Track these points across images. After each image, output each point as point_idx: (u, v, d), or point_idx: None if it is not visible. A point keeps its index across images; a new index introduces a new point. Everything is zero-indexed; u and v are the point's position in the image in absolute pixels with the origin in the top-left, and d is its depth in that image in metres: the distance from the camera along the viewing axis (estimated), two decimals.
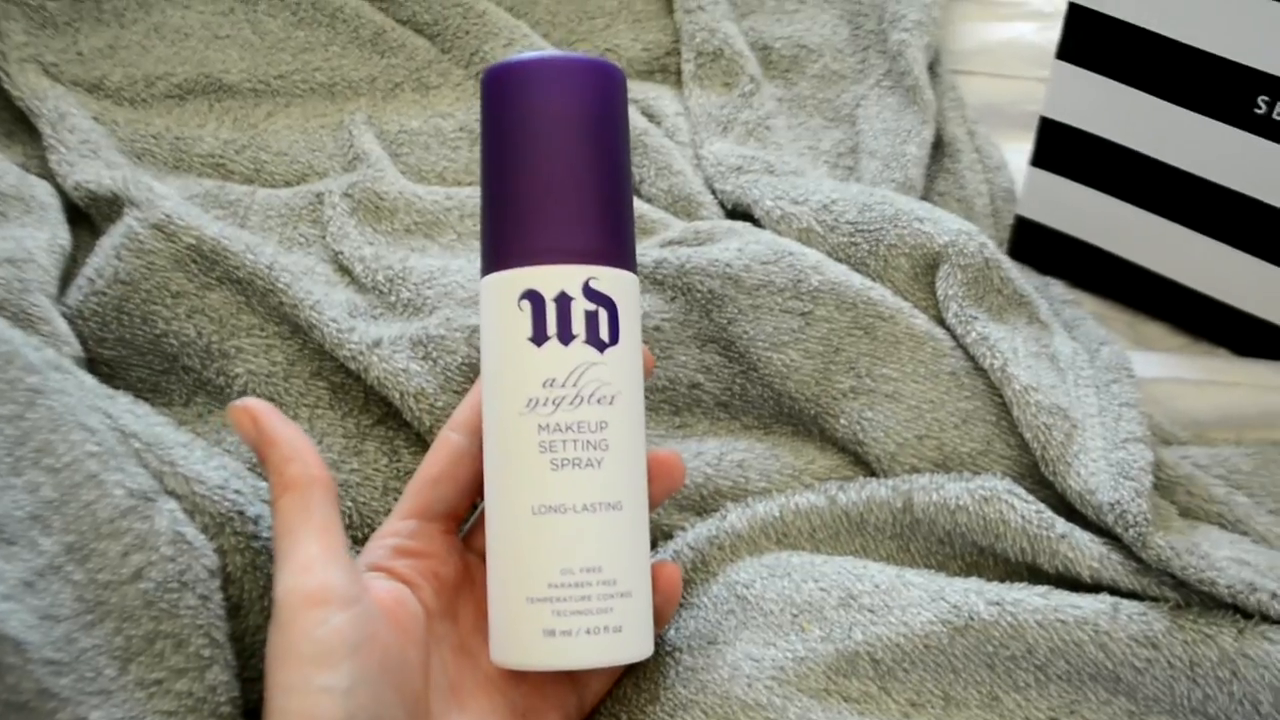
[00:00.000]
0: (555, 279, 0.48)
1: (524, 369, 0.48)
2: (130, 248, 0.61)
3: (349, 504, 0.58)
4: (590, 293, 0.48)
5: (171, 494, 0.51)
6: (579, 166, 0.49)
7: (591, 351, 0.48)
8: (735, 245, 0.62)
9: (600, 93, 0.49)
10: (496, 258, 0.49)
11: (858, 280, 0.61)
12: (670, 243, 0.64)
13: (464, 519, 0.54)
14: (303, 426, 0.60)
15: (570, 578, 0.47)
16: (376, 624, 0.45)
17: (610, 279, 0.48)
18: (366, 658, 0.44)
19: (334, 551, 0.46)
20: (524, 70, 0.49)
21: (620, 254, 0.49)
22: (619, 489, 0.48)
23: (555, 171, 0.48)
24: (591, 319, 0.48)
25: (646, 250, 0.63)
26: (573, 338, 0.48)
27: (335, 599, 0.45)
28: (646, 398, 0.60)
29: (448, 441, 0.52)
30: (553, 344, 0.48)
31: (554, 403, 0.47)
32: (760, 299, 0.60)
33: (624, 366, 0.49)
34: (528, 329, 0.48)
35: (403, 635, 0.47)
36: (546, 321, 0.48)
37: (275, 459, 0.48)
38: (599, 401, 0.48)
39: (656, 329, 0.61)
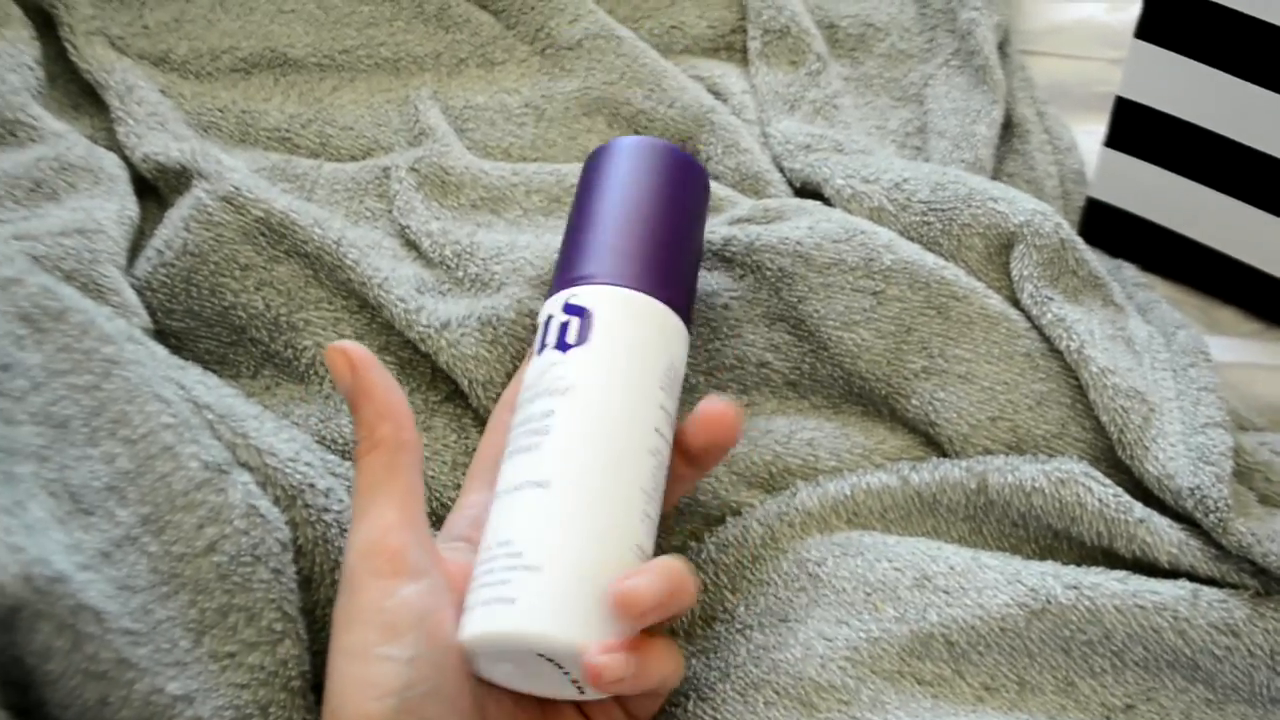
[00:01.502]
0: (552, 303, 0.52)
1: (523, 380, 0.52)
2: (199, 219, 0.62)
3: None
4: (568, 307, 0.51)
5: (244, 466, 0.51)
6: (610, 215, 0.54)
7: (556, 354, 0.50)
8: (806, 223, 0.61)
9: (672, 174, 0.56)
10: (560, 278, 0.54)
11: (931, 259, 0.60)
12: (739, 220, 0.64)
13: None
14: None
15: (487, 554, 0.46)
16: (443, 598, 0.45)
17: (593, 294, 0.51)
18: (432, 630, 0.44)
19: (411, 519, 0.46)
20: (610, 150, 0.57)
21: (622, 274, 0.52)
22: (548, 468, 0.47)
23: (593, 221, 0.54)
24: (563, 328, 0.51)
25: (715, 228, 0.62)
26: (545, 346, 0.51)
27: (407, 570, 0.44)
28: (714, 376, 0.60)
29: (500, 423, 0.53)
30: (535, 356, 0.51)
31: (525, 403, 0.50)
32: (831, 277, 0.60)
33: (589, 360, 0.50)
34: (537, 343, 0.52)
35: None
36: (537, 338, 0.52)
37: (368, 414, 0.48)
38: (551, 393, 0.49)
39: (725, 306, 0.61)
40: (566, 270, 0.53)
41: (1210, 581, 0.52)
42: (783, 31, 0.76)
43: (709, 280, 0.61)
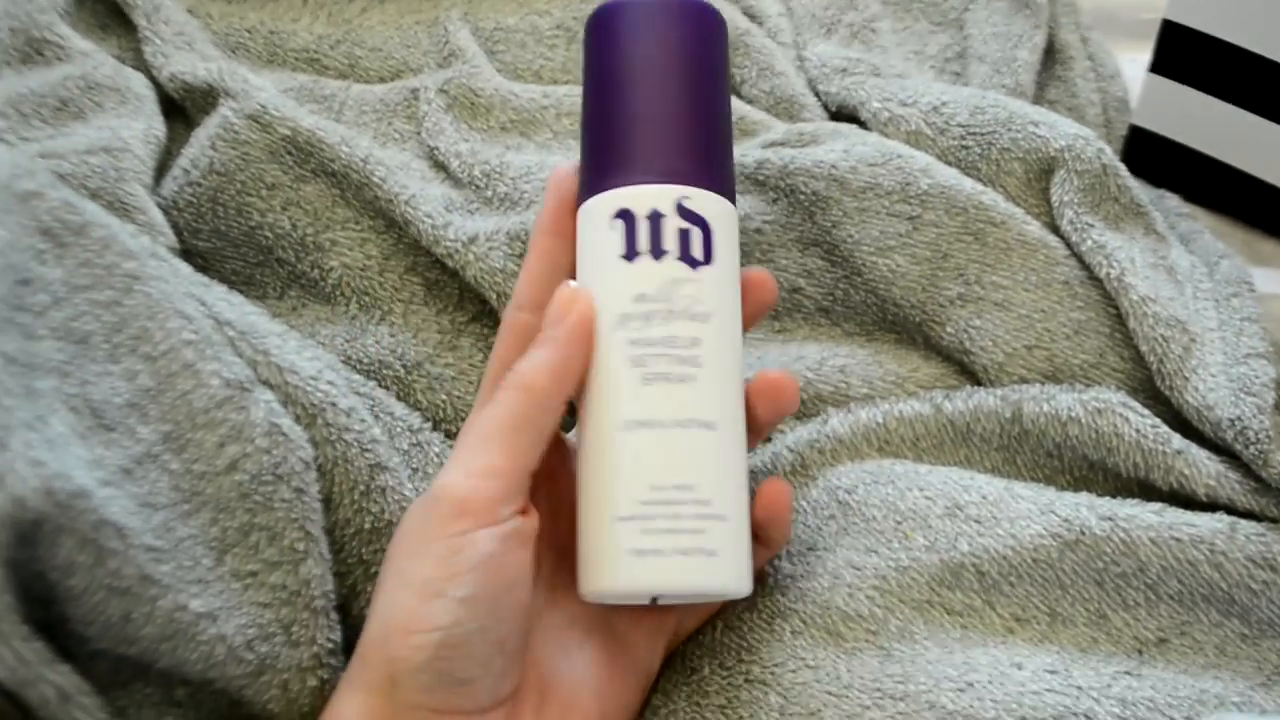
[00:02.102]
0: (648, 198, 0.47)
1: (617, 285, 0.47)
2: (225, 138, 0.61)
3: (444, 398, 0.57)
4: (684, 211, 0.47)
5: (266, 384, 0.51)
6: (674, 96, 0.48)
7: (684, 268, 0.46)
8: (841, 146, 0.60)
9: (698, 33, 0.49)
10: (592, 184, 0.48)
11: (969, 184, 0.59)
12: (773, 144, 0.62)
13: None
14: (397, 321, 0.59)
15: (661, 494, 0.44)
16: (517, 541, 0.44)
17: (704, 200, 0.47)
18: (495, 570, 0.43)
19: (519, 469, 0.45)
20: (624, 10, 0.49)
21: (717, 180, 0.48)
22: (713, 408, 0.46)
23: (650, 99, 0.48)
24: (684, 236, 0.47)
25: (748, 151, 0.61)
26: (664, 253, 0.46)
27: (491, 516, 0.43)
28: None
29: (519, 323, 0.50)
30: (645, 259, 0.46)
31: (645, 317, 0.46)
32: (866, 202, 0.59)
33: (719, 287, 0.47)
34: (620, 246, 0.47)
35: (528, 548, 0.45)
36: (638, 238, 0.47)
37: (547, 358, 0.46)
38: (692, 318, 0.46)
39: (757, 231, 0.60)
40: (646, 155, 0.48)
41: (1249, 515, 0.51)
42: None
43: (742, 204, 0.60)
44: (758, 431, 0.49)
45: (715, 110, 0.49)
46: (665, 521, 0.44)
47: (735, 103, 0.67)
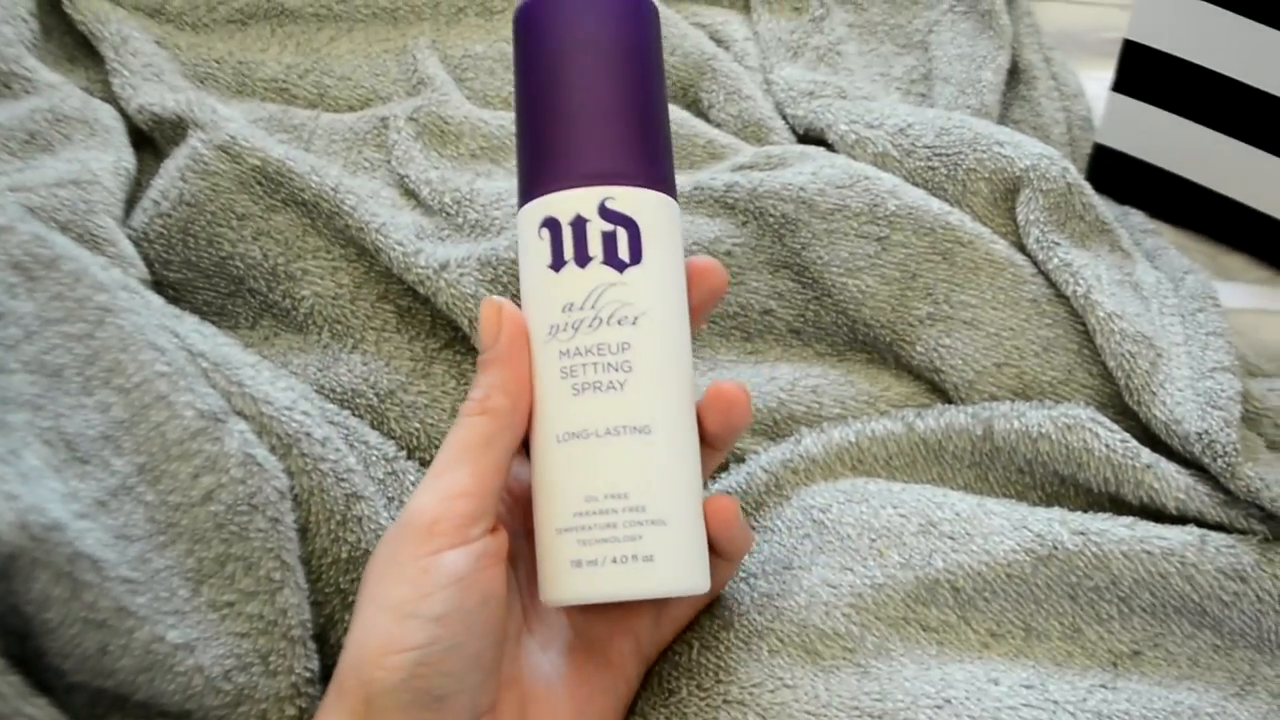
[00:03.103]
0: (571, 203, 0.46)
1: (545, 296, 0.46)
2: (195, 169, 0.61)
3: (417, 425, 0.57)
4: (607, 213, 0.46)
5: (240, 414, 0.51)
6: (596, 92, 0.47)
7: (610, 272, 0.46)
8: (809, 169, 0.61)
9: (621, 22, 0.48)
10: (524, 191, 0.48)
11: (936, 204, 0.59)
12: (741, 167, 0.63)
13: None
14: (369, 350, 0.59)
15: (595, 504, 0.44)
16: (488, 560, 0.44)
17: (631, 199, 0.46)
18: (468, 588, 0.43)
19: (485, 490, 0.45)
20: (543, 5, 0.48)
21: (647, 174, 0.47)
22: (645, 412, 0.45)
23: (572, 97, 0.47)
24: (609, 239, 0.46)
25: (717, 174, 0.62)
26: (590, 259, 0.46)
27: (461, 537, 0.43)
28: (717, 324, 0.59)
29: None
30: (570, 268, 0.46)
31: (573, 327, 0.46)
32: (835, 223, 0.59)
33: (650, 286, 0.46)
34: (548, 256, 0.46)
35: (499, 565, 0.45)
36: (564, 246, 0.46)
37: (495, 379, 0.46)
38: (619, 322, 0.46)
39: (728, 254, 0.60)
40: (570, 157, 0.47)
41: (1218, 527, 0.52)
42: None
43: (711, 227, 0.61)
44: (713, 445, 0.49)
45: (644, 102, 0.48)
46: (600, 531, 0.44)
47: (703, 127, 0.67)
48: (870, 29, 0.76)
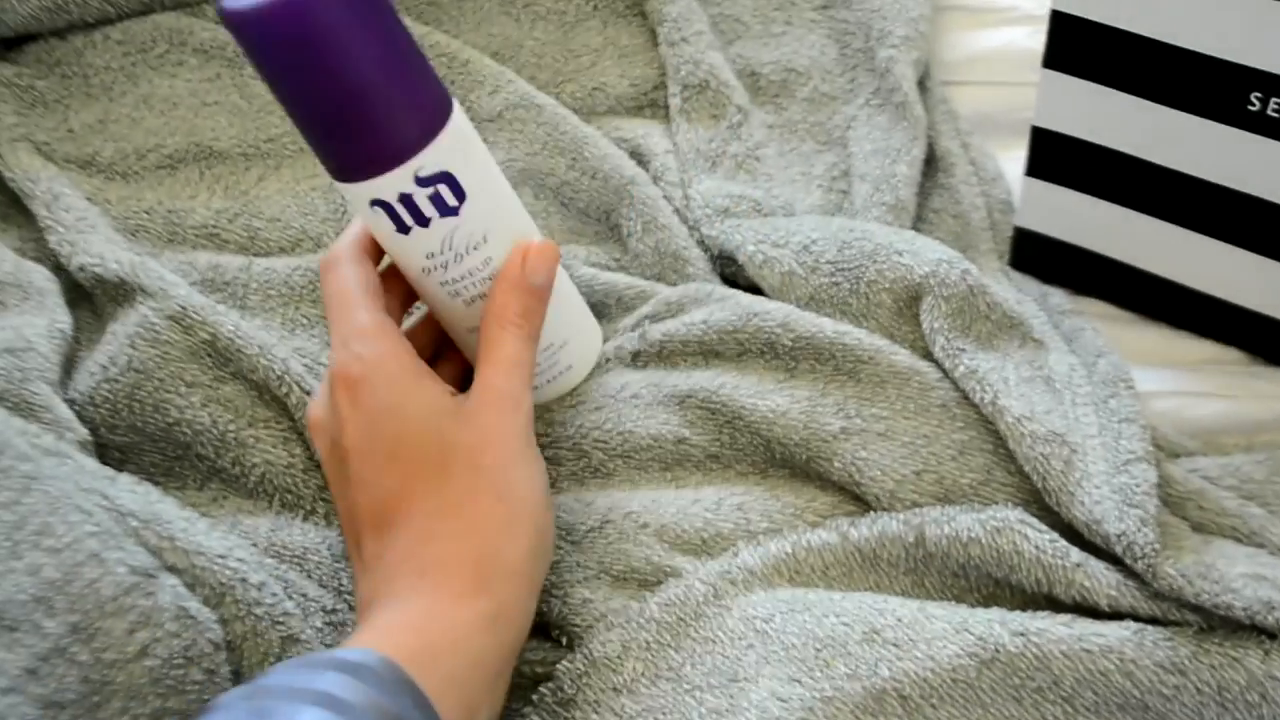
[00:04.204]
0: (388, 185, 0.51)
1: (404, 251, 0.54)
2: (145, 337, 0.62)
3: None
4: (424, 180, 0.51)
5: (172, 569, 0.51)
6: (348, 79, 0.48)
7: (449, 220, 0.52)
8: (700, 316, 0.62)
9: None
10: (332, 172, 0.52)
11: (829, 327, 0.60)
12: (642, 319, 0.64)
13: None
14: (319, 523, 0.60)
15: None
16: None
17: (435, 154, 0.51)
18: None
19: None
20: (251, 16, 0.46)
21: (432, 121, 0.51)
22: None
23: (333, 96, 0.48)
24: (436, 197, 0.52)
25: (623, 341, 0.63)
26: (428, 220, 0.52)
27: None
28: (633, 457, 0.60)
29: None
30: (415, 230, 0.52)
31: (441, 266, 0.54)
32: (744, 363, 0.61)
33: (484, 207, 0.53)
34: (390, 225, 0.52)
35: None
36: (401, 217, 0.52)
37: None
38: (475, 248, 0.54)
39: (635, 396, 0.61)
40: (364, 142, 0.50)
41: (1153, 620, 0.52)
42: (702, 86, 0.75)
43: (621, 376, 0.62)
44: None
45: (393, 57, 0.49)
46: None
47: (618, 277, 0.68)
48: (790, 128, 0.76)
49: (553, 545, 0.54)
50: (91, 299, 0.68)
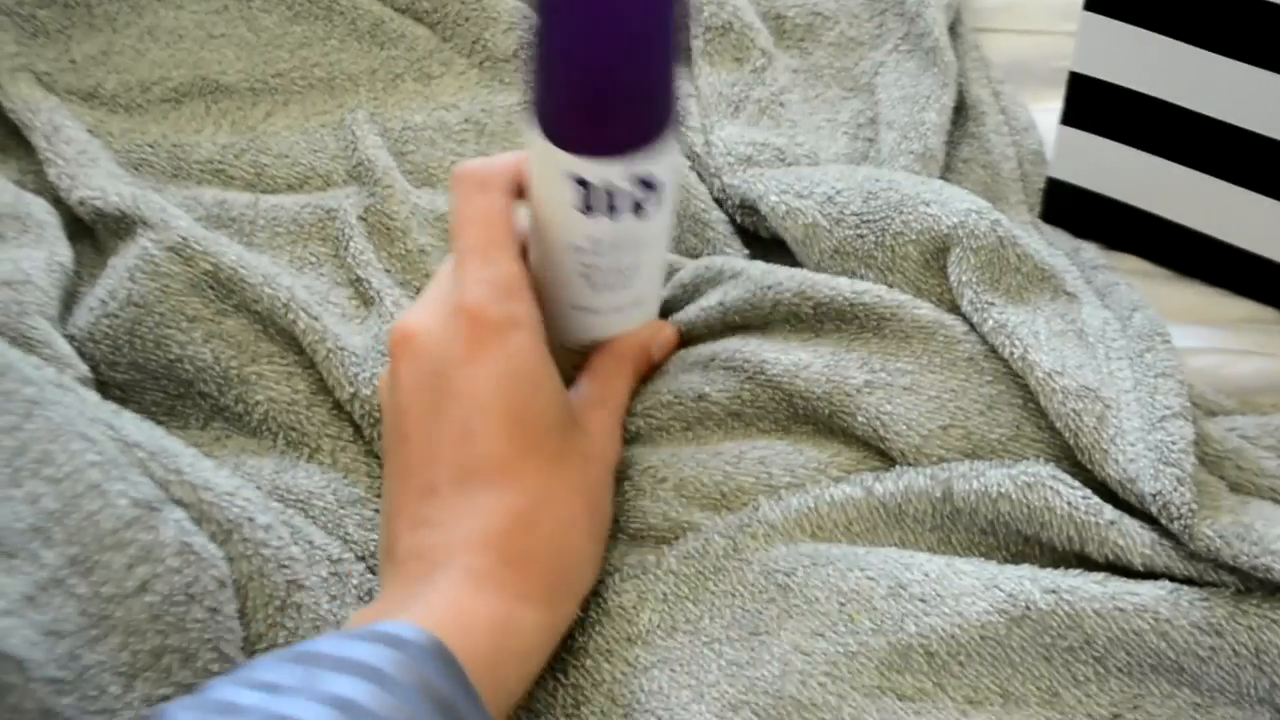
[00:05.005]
0: (602, 171, 0.49)
1: (571, 223, 0.52)
2: (145, 270, 0.60)
3: (375, 536, 0.56)
4: (635, 180, 0.50)
5: (178, 502, 0.50)
6: (631, 62, 0.48)
7: (636, 223, 0.51)
8: (716, 299, 0.60)
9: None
10: (546, 131, 0.50)
11: (846, 288, 0.58)
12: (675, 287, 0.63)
13: None
14: (325, 460, 0.58)
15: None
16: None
17: (654, 163, 0.50)
18: None
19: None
20: None
21: (665, 135, 0.50)
22: (642, 295, 0.57)
23: (608, 68, 0.47)
24: (636, 200, 0.51)
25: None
26: (618, 213, 0.51)
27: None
28: (654, 417, 0.59)
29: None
30: (599, 216, 0.51)
31: (595, 253, 0.52)
32: (769, 329, 0.60)
33: (661, 223, 0.53)
34: (578, 201, 0.50)
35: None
36: (594, 201, 0.50)
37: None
38: (635, 249, 0.53)
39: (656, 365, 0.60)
40: (601, 125, 0.49)
41: (1188, 581, 0.50)
42: (725, 28, 0.73)
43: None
44: None
45: (665, 67, 0.49)
46: None
47: None
48: (816, 73, 0.75)
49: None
50: (92, 233, 0.66)
